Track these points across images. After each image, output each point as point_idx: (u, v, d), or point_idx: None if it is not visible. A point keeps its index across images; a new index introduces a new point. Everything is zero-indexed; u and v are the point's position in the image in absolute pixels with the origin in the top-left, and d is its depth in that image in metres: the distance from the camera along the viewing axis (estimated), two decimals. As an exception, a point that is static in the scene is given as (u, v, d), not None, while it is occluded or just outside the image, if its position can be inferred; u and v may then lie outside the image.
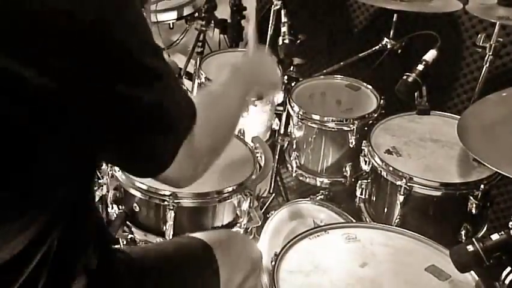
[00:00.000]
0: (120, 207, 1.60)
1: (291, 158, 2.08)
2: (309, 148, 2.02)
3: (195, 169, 0.88)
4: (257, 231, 1.74)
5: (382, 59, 2.18)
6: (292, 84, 2.11)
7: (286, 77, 2.11)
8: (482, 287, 1.21)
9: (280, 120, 2.17)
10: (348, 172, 1.98)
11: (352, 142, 1.91)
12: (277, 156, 2.21)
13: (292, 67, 2.13)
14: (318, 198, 2.02)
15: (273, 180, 2.27)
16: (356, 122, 1.90)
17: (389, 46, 2.15)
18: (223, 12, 2.68)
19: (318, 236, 1.37)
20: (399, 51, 2.14)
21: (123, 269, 1.05)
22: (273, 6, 2.27)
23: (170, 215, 1.47)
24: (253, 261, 1.28)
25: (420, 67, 1.81)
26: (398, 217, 1.66)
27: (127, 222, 1.59)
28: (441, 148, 1.74)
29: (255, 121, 2.08)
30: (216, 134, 0.93)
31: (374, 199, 1.79)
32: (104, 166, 1.62)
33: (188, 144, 0.81)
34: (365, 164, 1.78)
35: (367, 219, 1.79)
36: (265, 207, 2.12)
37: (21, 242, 0.76)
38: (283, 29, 2.06)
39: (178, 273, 1.14)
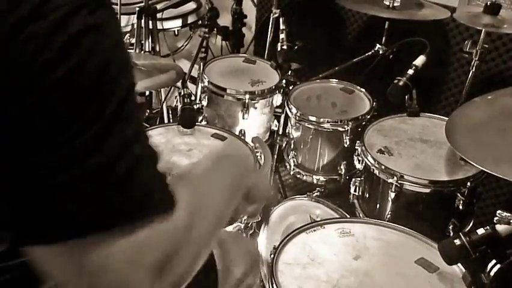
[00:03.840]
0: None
1: (289, 157, 2.08)
2: (306, 148, 2.02)
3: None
4: (257, 226, 1.74)
5: (375, 64, 2.18)
6: (290, 87, 2.12)
7: (284, 81, 2.12)
8: (469, 278, 1.21)
9: (279, 121, 2.17)
10: (343, 170, 1.99)
11: (346, 142, 1.91)
12: (276, 156, 2.21)
13: (290, 71, 2.13)
14: (314, 195, 2.01)
15: (272, 178, 2.28)
16: (350, 123, 1.90)
17: (381, 52, 2.15)
18: (225, 20, 2.68)
19: (314, 230, 1.38)
20: (391, 56, 2.14)
21: None
22: (272, 14, 2.29)
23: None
24: (251, 260, 1.27)
25: (410, 72, 1.81)
26: (390, 213, 1.66)
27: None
28: (431, 148, 1.74)
29: (255, 122, 2.09)
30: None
31: (367, 196, 1.79)
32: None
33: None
34: (359, 162, 1.78)
35: (360, 215, 1.80)
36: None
37: None
38: (282, 35, 2.07)
39: None
